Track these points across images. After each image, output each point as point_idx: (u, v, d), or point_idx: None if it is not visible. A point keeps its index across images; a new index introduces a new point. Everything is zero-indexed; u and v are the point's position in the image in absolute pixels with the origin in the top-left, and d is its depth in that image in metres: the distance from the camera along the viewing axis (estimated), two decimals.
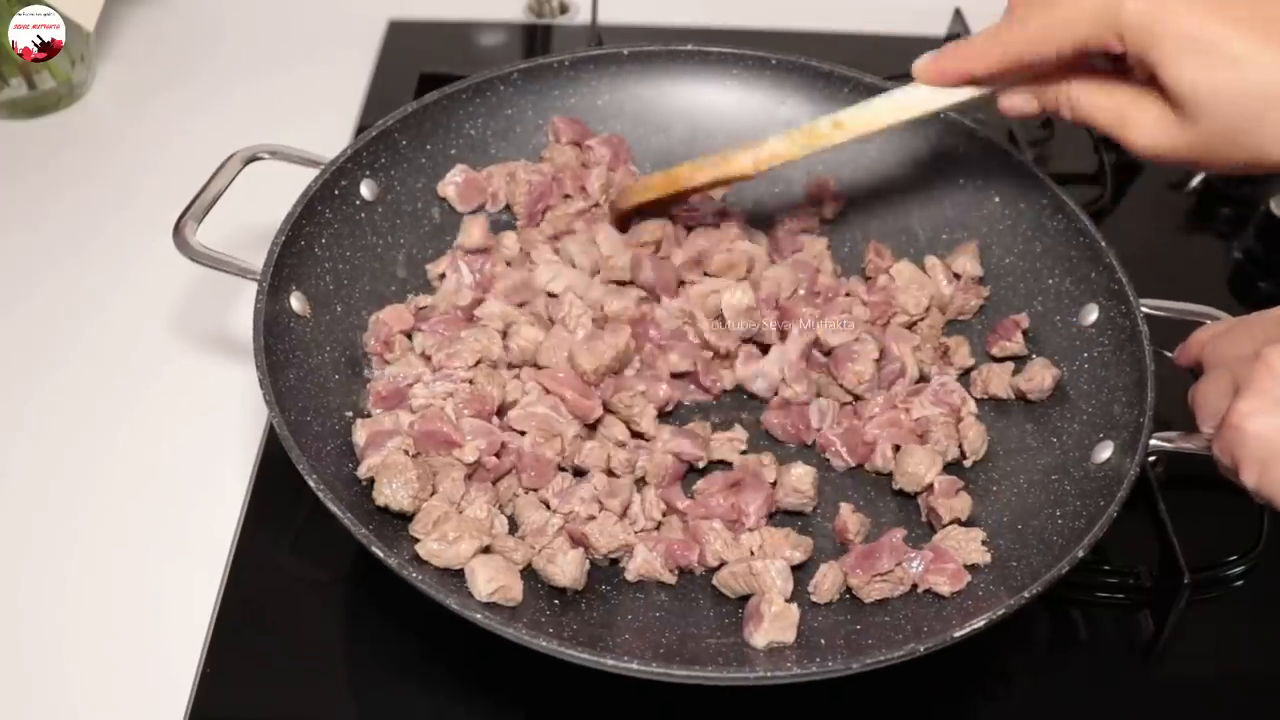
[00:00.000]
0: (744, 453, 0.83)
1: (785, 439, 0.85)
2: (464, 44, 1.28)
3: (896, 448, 0.82)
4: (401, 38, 1.27)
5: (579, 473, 0.79)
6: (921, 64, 0.75)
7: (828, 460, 0.83)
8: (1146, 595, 0.82)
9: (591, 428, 0.81)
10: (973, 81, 0.74)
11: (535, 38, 1.30)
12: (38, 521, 0.83)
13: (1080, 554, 0.68)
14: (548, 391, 0.80)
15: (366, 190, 0.87)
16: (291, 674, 0.75)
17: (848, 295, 0.90)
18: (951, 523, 0.77)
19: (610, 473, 0.78)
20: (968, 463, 0.83)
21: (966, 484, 0.80)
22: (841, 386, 0.86)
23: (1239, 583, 0.84)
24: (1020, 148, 1.10)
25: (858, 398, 0.86)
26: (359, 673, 0.75)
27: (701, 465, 0.81)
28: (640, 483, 0.79)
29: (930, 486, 0.79)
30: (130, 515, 0.83)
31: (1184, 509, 0.83)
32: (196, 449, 0.88)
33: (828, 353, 0.87)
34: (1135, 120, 0.68)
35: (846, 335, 0.87)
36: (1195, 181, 1.17)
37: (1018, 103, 0.74)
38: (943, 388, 0.84)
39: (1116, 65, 0.69)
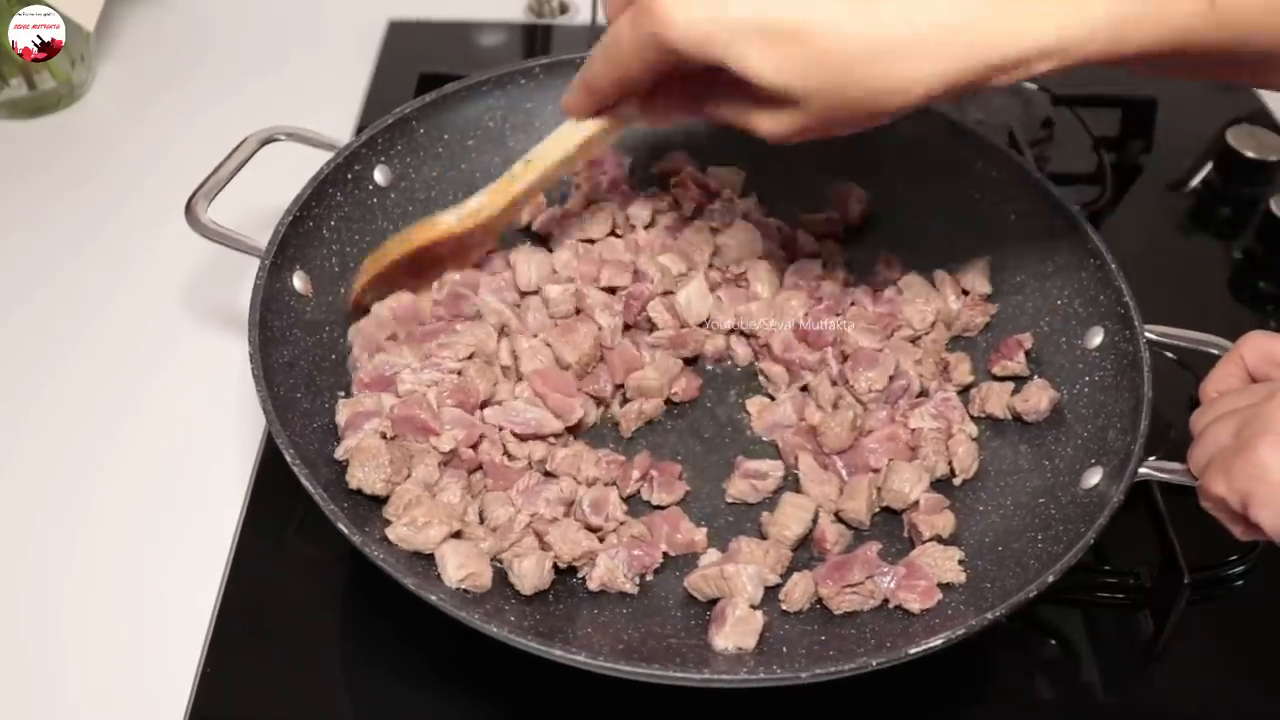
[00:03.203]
0: None
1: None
2: (464, 44, 1.29)
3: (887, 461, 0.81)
4: (401, 38, 1.28)
5: (550, 474, 0.78)
6: (564, 100, 0.72)
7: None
8: (1146, 595, 0.81)
9: (573, 430, 0.81)
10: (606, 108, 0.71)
11: (535, 38, 1.30)
12: (39, 521, 0.83)
13: (1050, 579, 0.66)
14: (536, 393, 0.80)
15: (380, 176, 0.88)
16: (292, 675, 0.75)
17: (853, 305, 0.89)
18: (931, 540, 0.76)
19: (577, 480, 0.78)
20: (957, 481, 0.82)
21: (953, 503, 0.79)
22: (850, 389, 0.84)
23: (1239, 583, 0.83)
24: (1020, 148, 1.10)
25: (863, 406, 0.84)
26: (359, 674, 0.75)
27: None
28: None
29: (915, 503, 0.78)
30: (131, 512, 0.84)
31: (1184, 509, 0.82)
32: (196, 451, 0.88)
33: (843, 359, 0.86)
34: (757, 111, 0.63)
35: (874, 340, 0.86)
36: (1195, 181, 1.17)
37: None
38: (945, 403, 0.83)
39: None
